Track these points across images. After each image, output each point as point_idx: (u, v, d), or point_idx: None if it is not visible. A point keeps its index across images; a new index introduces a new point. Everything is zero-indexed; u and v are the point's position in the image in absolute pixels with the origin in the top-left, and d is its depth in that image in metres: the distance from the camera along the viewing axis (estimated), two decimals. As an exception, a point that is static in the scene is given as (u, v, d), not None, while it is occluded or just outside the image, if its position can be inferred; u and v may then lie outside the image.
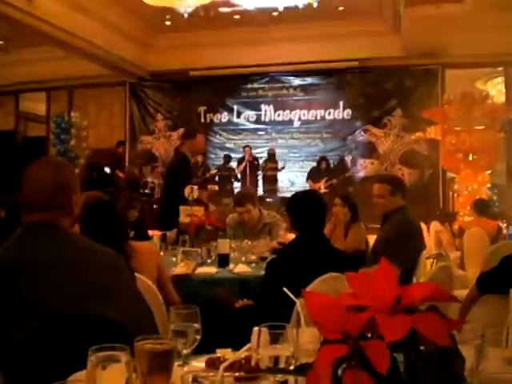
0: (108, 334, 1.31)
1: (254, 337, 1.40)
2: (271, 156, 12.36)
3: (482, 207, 6.71)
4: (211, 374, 1.41)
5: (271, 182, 12.29)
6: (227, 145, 13.26)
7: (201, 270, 3.83)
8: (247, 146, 12.36)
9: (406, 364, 0.88)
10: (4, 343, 1.52)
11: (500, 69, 11.57)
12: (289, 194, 4.86)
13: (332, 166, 12.09)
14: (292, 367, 1.26)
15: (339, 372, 0.88)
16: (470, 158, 9.95)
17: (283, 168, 12.33)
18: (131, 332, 1.33)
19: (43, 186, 1.77)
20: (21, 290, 1.59)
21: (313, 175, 11.87)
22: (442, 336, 0.86)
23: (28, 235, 1.73)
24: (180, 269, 3.75)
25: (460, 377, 0.93)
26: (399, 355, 0.88)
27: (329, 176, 11.62)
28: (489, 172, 10.18)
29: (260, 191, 12.12)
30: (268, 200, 11.33)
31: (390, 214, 4.11)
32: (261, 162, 12.47)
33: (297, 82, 12.87)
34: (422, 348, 0.89)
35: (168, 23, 11.12)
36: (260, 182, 12.40)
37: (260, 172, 12.39)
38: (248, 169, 12.19)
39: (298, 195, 3.30)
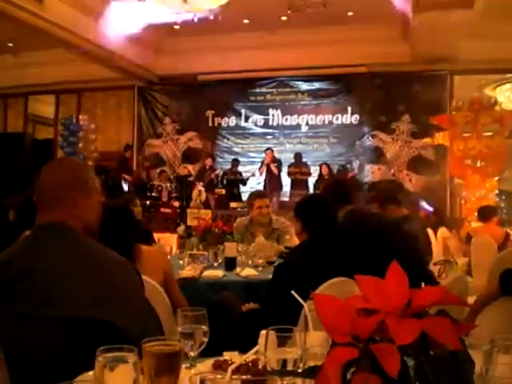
0: (112, 338, 1.30)
1: (261, 340, 1.40)
2: (297, 159, 12.20)
3: (485, 214, 6.70)
4: (219, 376, 1.41)
5: (300, 186, 11.80)
6: (235, 149, 13.29)
7: (208, 273, 3.82)
8: (269, 149, 12.14)
9: (416, 368, 0.87)
10: (11, 342, 1.52)
11: (509, 75, 11.54)
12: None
13: (334, 172, 11.89)
14: (300, 370, 1.25)
15: (348, 375, 0.88)
16: (478, 165, 9.95)
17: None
18: (135, 338, 1.33)
19: (50, 184, 1.77)
20: (29, 291, 1.59)
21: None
22: (453, 340, 0.86)
23: (37, 236, 1.73)
24: (187, 272, 3.74)
25: (469, 381, 0.92)
26: (409, 359, 0.87)
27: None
28: (497, 178, 10.16)
29: (285, 196, 11.89)
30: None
31: None
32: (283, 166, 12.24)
33: (305, 86, 12.90)
34: (431, 352, 0.89)
35: (177, 27, 11.15)
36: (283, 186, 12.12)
37: (287, 176, 12.11)
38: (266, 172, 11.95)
39: (308, 198, 3.29)
